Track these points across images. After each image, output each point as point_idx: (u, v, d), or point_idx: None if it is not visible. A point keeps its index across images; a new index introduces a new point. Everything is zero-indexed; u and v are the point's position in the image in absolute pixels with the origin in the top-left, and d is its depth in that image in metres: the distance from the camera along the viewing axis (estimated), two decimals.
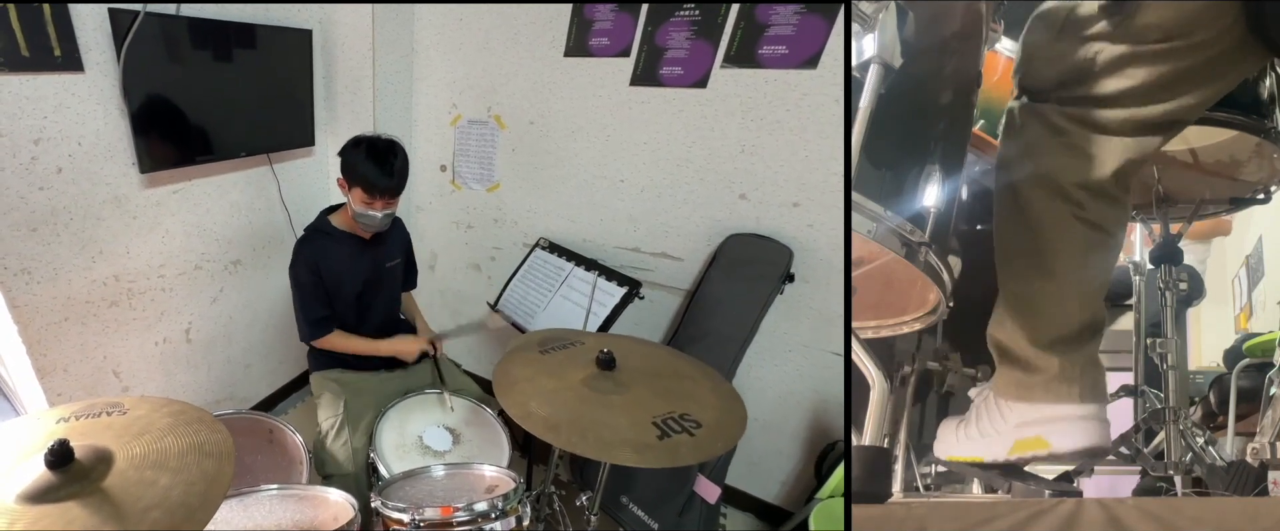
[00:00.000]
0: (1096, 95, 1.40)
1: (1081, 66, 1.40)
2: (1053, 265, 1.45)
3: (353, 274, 2.38)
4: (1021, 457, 1.48)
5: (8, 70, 1.98)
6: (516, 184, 3.25)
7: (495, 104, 3.17)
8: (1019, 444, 1.48)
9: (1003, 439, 1.50)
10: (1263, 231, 3.87)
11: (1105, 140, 1.41)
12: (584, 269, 2.80)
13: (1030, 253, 1.47)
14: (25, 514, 1.18)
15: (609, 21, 2.76)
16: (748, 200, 2.65)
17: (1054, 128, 1.44)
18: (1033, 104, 1.49)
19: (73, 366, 2.47)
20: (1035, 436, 1.47)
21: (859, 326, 1.71)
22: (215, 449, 1.34)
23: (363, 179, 2.19)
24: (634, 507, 2.62)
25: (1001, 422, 1.51)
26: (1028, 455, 1.48)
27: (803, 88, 2.43)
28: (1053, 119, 1.44)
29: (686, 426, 1.66)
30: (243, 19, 2.64)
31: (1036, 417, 1.47)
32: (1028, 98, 1.50)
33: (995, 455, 1.51)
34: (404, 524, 1.68)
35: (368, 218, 2.25)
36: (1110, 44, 1.37)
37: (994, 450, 1.51)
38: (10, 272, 2.18)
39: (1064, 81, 1.43)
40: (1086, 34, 1.39)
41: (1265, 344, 2.61)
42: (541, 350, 1.99)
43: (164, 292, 2.72)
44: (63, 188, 2.25)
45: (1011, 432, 1.49)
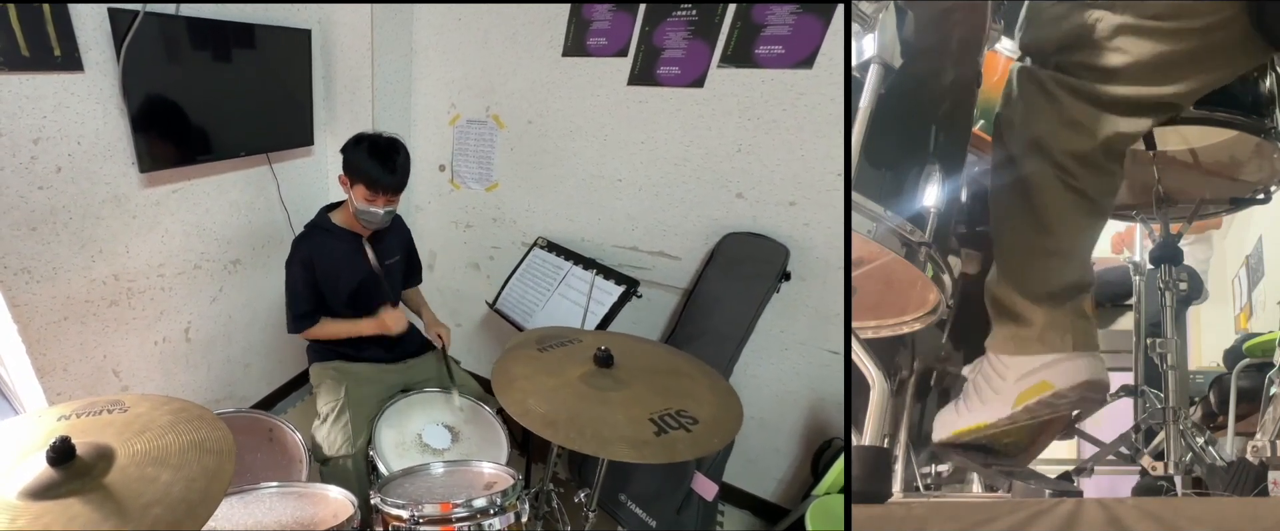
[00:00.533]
0: (1094, 66, 1.43)
1: (1081, 32, 1.43)
2: (1044, 224, 1.49)
3: (350, 271, 2.38)
4: (1027, 406, 1.51)
5: (7, 70, 1.98)
6: (515, 183, 3.25)
7: (494, 104, 3.18)
8: (1022, 394, 1.52)
9: (1005, 396, 1.54)
10: (1263, 231, 3.87)
11: (1096, 113, 1.45)
12: (582, 268, 2.81)
13: (1024, 212, 1.51)
14: (27, 510, 1.18)
15: (607, 21, 2.76)
16: (744, 199, 2.66)
17: (1048, 94, 1.47)
18: (1032, 67, 1.53)
19: (72, 365, 2.46)
20: (1037, 382, 1.51)
21: (859, 326, 1.71)
22: (216, 446, 1.34)
23: (365, 176, 2.19)
24: (632, 505, 2.63)
25: (1001, 381, 1.55)
26: (1033, 402, 1.51)
27: (799, 87, 2.43)
28: (1048, 86, 1.48)
29: (683, 422, 1.67)
30: (242, 19, 2.64)
31: (1035, 365, 1.52)
32: (1029, 59, 1.55)
33: (1000, 414, 1.54)
34: (403, 520, 1.68)
35: (369, 214, 2.25)
36: (1111, 13, 1.40)
37: (999, 409, 1.55)
38: (10, 271, 2.18)
39: (1064, 46, 1.46)
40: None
41: (1265, 344, 2.62)
42: (540, 348, 2.00)
43: (163, 292, 2.72)
44: (62, 187, 2.25)
45: (1013, 387, 1.53)
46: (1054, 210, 1.49)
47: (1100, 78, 1.43)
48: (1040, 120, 1.48)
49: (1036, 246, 1.51)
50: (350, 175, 2.23)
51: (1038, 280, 1.51)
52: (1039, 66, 1.52)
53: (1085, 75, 1.44)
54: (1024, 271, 1.53)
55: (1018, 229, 1.53)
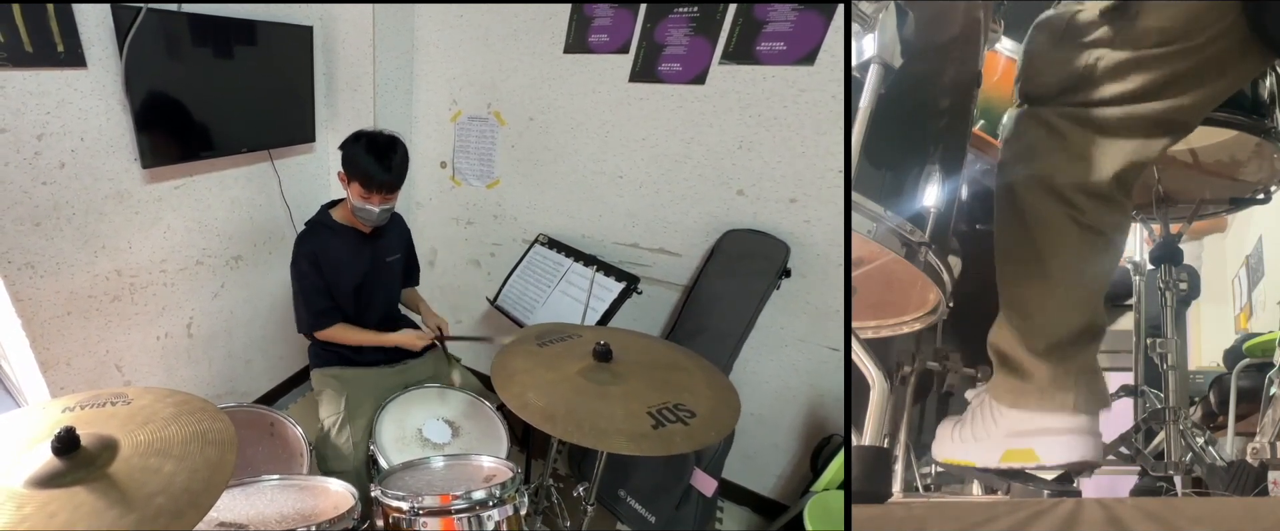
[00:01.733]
0: (1098, 98, 1.39)
1: (1082, 73, 1.39)
2: (1048, 268, 1.43)
3: (352, 267, 2.39)
4: (1011, 467, 1.47)
5: (11, 66, 1.99)
6: (516, 180, 3.25)
7: (495, 100, 3.18)
8: (1009, 453, 1.46)
9: (994, 445, 1.49)
10: (1263, 231, 3.87)
11: (1106, 143, 1.40)
12: (583, 264, 2.81)
13: (1027, 256, 1.45)
14: (34, 498, 1.19)
15: (608, 18, 2.76)
16: (745, 196, 2.66)
17: (1053, 130, 1.43)
18: (1033, 108, 1.48)
19: (75, 360, 2.47)
20: (1025, 448, 1.45)
21: (859, 326, 1.71)
22: (218, 437, 1.35)
23: (361, 173, 2.19)
24: (631, 501, 2.64)
25: (994, 428, 1.49)
26: (1016, 465, 1.46)
27: (800, 84, 2.43)
28: (1053, 122, 1.43)
29: (681, 416, 1.68)
30: (243, 16, 2.64)
31: (1028, 427, 1.45)
32: (1029, 105, 1.50)
33: (986, 461, 1.49)
34: (403, 511, 1.69)
35: (365, 212, 2.26)
36: (1111, 50, 1.37)
37: (985, 456, 1.50)
38: (14, 267, 2.19)
39: (1065, 88, 1.42)
40: (1087, 40, 1.39)
41: (1265, 344, 2.62)
42: (540, 343, 2.00)
43: (166, 287, 2.73)
44: (66, 182, 2.25)
45: (1002, 440, 1.48)
46: (1064, 253, 1.42)
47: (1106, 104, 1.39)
48: (1047, 158, 1.43)
49: (1042, 294, 1.44)
50: (348, 171, 2.23)
51: (1042, 333, 1.44)
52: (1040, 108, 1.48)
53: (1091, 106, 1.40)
54: (1028, 323, 1.45)
55: (1022, 278, 1.47)
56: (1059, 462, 1.44)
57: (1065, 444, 1.43)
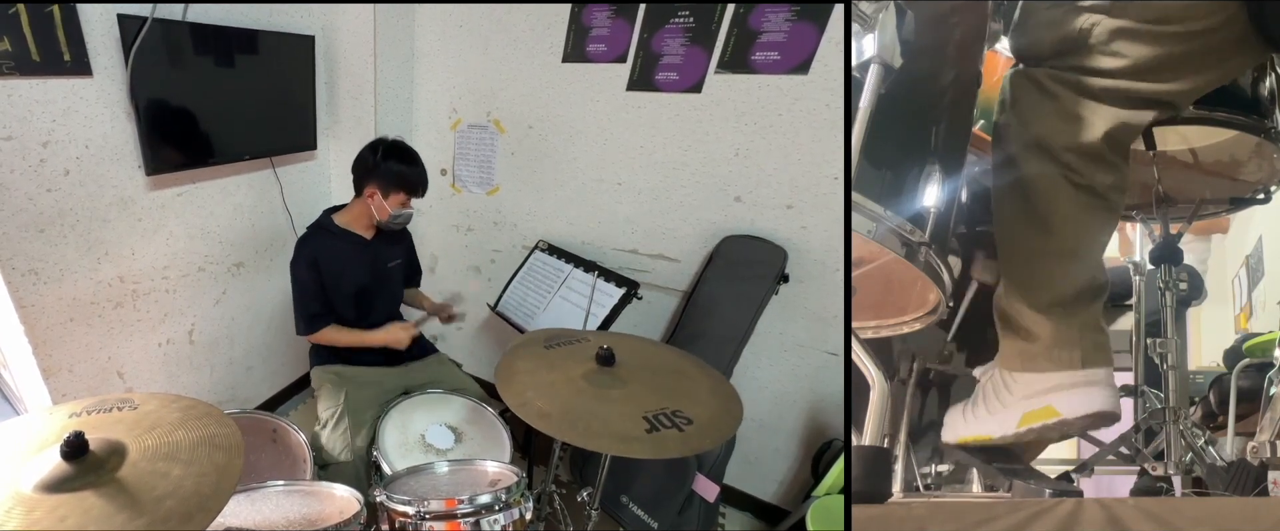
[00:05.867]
0: (1090, 68, 1.41)
1: (1077, 36, 1.41)
2: (1048, 225, 1.46)
3: (353, 272, 2.40)
4: (1032, 428, 1.48)
5: (18, 74, 2.00)
6: (516, 187, 3.27)
7: (495, 108, 3.20)
8: (1027, 415, 1.48)
9: (1011, 412, 1.50)
10: (1263, 231, 3.88)
11: (1096, 105, 1.42)
12: (583, 270, 2.82)
13: (1027, 216, 1.48)
14: (43, 502, 1.20)
15: (606, 28, 2.78)
16: (742, 202, 2.67)
17: (1046, 91, 1.45)
18: (1027, 70, 1.50)
19: (78, 367, 2.48)
20: (1043, 406, 1.47)
21: (859, 326, 1.71)
22: (225, 442, 1.36)
23: (402, 180, 2.28)
24: (633, 506, 2.64)
25: (1008, 396, 1.51)
26: (1037, 425, 1.47)
27: (795, 92, 2.46)
28: (1044, 83, 1.46)
29: (677, 422, 1.69)
30: (246, 25, 2.66)
31: (1042, 387, 1.47)
32: (1023, 64, 1.52)
33: (1005, 430, 1.51)
34: (409, 516, 1.70)
35: (403, 216, 2.34)
36: (1108, 16, 1.38)
37: (1003, 426, 1.51)
38: (18, 273, 2.20)
39: (1059, 50, 1.45)
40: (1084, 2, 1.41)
41: (1265, 344, 2.62)
42: (546, 346, 2.02)
43: (168, 294, 2.74)
44: (70, 189, 2.26)
45: (1019, 404, 1.49)
46: (1060, 211, 1.44)
47: (1099, 75, 1.41)
48: (1040, 119, 1.45)
49: (1042, 250, 1.47)
50: (383, 184, 2.27)
51: (1044, 287, 1.46)
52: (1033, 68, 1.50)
53: (1083, 73, 1.42)
54: (1030, 279, 1.48)
55: (1022, 235, 1.49)
56: (1079, 414, 1.45)
57: (1083, 395, 1.45)
